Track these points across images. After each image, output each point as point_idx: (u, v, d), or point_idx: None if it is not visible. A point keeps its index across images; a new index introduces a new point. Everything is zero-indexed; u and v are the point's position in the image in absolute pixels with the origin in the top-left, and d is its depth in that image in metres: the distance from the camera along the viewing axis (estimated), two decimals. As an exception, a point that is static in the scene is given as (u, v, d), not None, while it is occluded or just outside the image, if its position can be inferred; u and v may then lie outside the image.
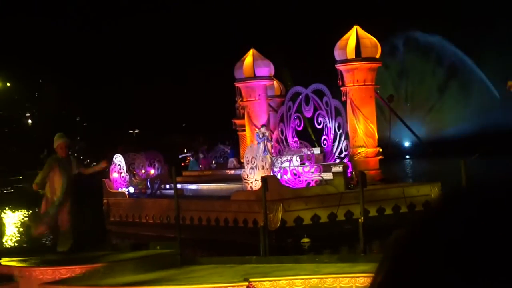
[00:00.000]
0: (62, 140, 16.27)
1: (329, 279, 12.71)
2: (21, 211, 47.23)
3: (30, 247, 24.00)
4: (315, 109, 31.53)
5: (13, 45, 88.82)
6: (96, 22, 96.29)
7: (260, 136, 30.22)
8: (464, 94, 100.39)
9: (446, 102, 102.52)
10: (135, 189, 33.65)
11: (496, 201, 1.01)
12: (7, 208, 49.98)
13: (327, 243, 23.27)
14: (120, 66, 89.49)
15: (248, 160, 28.11)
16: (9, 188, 75.43)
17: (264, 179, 21.49)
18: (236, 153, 36.38)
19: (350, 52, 31.12)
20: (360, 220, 17.62)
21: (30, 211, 35.25)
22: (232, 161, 36.09)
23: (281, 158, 28.42)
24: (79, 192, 16.39)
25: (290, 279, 12.92)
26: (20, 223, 40.46)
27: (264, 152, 28.75)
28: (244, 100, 34.14)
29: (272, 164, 28.11)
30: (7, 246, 27.07)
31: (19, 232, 35.64)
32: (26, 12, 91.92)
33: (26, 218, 34.41)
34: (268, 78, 34.22)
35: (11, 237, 33.13)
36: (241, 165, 31.30)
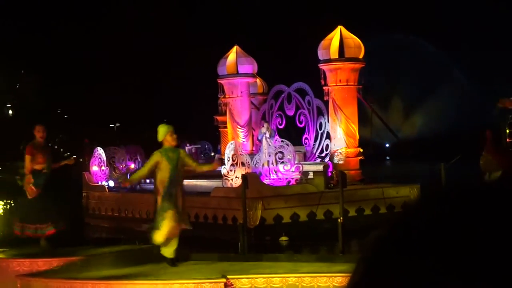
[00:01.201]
0: (171, 128, 14.99)
1: (307, 278, 12.75)
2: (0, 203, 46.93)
3: (7, 238, 23.86)
4: (297, 108, 31.60)
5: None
6: (77, 15, 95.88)
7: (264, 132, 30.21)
8: (445, 97, 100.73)
9: (426, 103, 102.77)
10: (115, 183, 33.54)
11: (472, 203, 1.03)
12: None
13: (306, 241, 23.29)
14: (102, 59, 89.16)
15: (229, 157, 28.08)
16: None
17: (244, 177, 21.50)
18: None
19: (334, 52, 31.17)
20: (339, 220, 17.68)
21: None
22: (219, 156, 36.15)
23: (262, 155, 28.41)
24: (60, 185, 16.34)
25: (268, 277, 12.94)
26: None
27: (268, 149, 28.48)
28: (226, 96, 34.12)
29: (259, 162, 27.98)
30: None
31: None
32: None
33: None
34: (251, 75, 34.21)
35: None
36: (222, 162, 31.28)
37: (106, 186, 33.59)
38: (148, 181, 32.48)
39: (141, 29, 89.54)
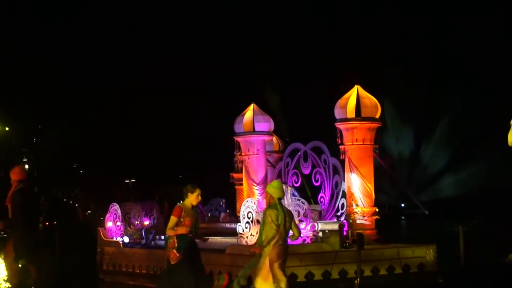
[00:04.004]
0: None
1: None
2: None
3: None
4: (313, 166, 31.61)
5: (12, 89, 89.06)
6: (96, 68, 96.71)
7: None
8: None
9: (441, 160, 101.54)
10: (129, 239, 33.51)
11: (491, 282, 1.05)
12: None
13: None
14: (118, 116, 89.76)
15: (244, 215, 28.04)
16: (2, 233, 74.90)
17: (260, 235, 21.39)
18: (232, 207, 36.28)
19: (350, 111, 31.22)
20: (356, 281, 17.60)
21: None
22: (224, 215, 36.02)
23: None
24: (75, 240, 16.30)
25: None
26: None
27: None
28: (242, 154, 34.20)
29: None
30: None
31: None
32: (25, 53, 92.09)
33: None
34: (268, 133, 34.36)
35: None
36: (236, 219, 31.22)
37: (121, 242, 33.54)
38: (162, 236, 32.43)
39: (159, 86, 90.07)
